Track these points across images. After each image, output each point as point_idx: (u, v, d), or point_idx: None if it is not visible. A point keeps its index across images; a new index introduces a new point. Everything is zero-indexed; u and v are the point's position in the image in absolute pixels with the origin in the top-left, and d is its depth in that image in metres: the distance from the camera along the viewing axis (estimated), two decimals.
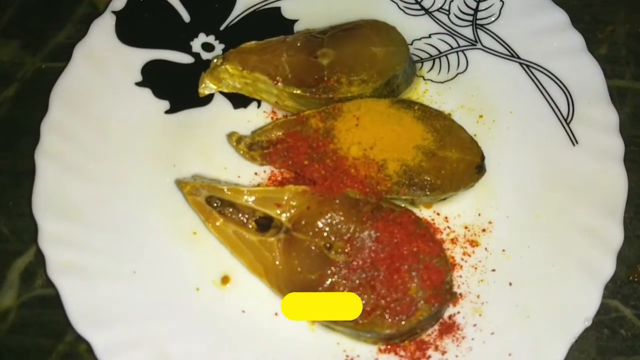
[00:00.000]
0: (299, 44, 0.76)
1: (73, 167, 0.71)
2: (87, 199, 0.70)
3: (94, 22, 0.78)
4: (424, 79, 0.79)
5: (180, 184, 0.70)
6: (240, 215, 0.68)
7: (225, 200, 0.68)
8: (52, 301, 0.67)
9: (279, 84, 0.74)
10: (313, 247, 0.66)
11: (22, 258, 0.73)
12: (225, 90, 0.78)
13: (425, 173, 0.69)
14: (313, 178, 0.70)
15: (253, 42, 0.77)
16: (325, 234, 0.66)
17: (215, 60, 0.76)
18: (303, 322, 0.67)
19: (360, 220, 0.66)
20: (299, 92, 0.74)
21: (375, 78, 0.74)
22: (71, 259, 0.66)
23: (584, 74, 0.76)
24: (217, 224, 0.68)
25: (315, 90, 0.73)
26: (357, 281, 0.64)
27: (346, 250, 0.65)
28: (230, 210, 0.68)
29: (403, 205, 0.70)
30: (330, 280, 0.64)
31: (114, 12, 0.79)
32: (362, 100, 0.73)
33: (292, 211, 0.68)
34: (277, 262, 0.66)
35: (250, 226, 0.68)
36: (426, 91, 0.78)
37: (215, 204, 0.68)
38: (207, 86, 0.77)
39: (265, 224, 0.68)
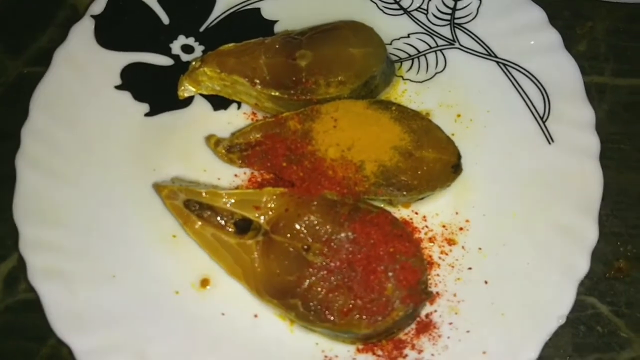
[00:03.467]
0: (277, 46, 0.76)
1: (53, 172, 0.72)
2: (68, 204, 0.71)
3: (73, 26, 0.79)
4: (403, 79, 0.79)
5: (157, 187, 0.70)
6: (218, 218, 0.69)
7: (203, 204, 0.69)
8: (36, 305, 0.67)
9: (258, 86, 0.74)
10: (291, 249, 0.67)
11: (5, 263, 0.73)
12: (205, 93, 0.78)
13: (402, 173, 0.70)
14: (292, 180, 0.70)
15: (231, 44, 0.77)
16: (303, 235, 0.67)
17: (193, 63, 0.76)
18: (282, 323, 0.68)
19: (338, 221, 0.67)
20: (277, 94, 0.74)
21: (353, 79, 0.74)
22: (51, 264, 0.67)
23: (561, 72, 0.76)
24: (196, 227, 0.68)
25: (294, 92, 0.74)
26: (335, 282, 0.65)
27: (324, 251, 0.66)
28: (209, 213, 0.69)
29: (382, 206, 0.71)
30: (307, 281, 0.65)
31: (92, 16, 0.79)
32: (340, 101, 0.73)
33: (271, 213, 0.68)
34: (256, 265, 0.67)
35: (229, 229, 0.68)
36: (405, 91, 0.79)
37: (193, 208, 0.69)
38: (186, 89, 0.78)
39: (244, 226, 0.69)
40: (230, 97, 0.78)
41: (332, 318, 0.64)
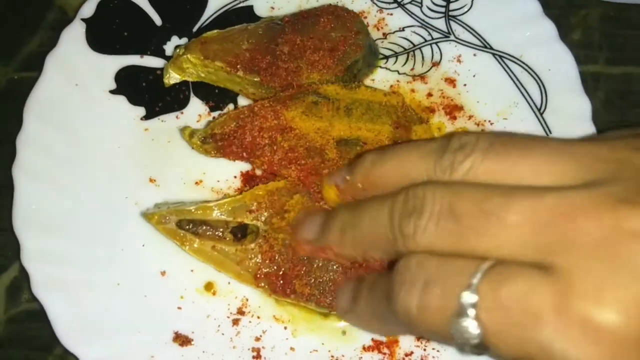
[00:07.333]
0: (260, 32, 0.76)
1: (51, 181, 0.71)
2: (68, 213, 0.70)
3: (63, 30, 0.77)
4: (399, 73, 0.79)
5: (146, 216, 0.68)
6: (214, 230, 0.68)
7: (196, 220, 0.68)
8: (40, 315, 0.67)
9: (239, 72, 0.73)
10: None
11: (6, 273, 0.73)
12: (190, 80, 0.77)
13: None
14: (271, 170, 0.69)
15: (215, 31, 0.76)
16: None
17: (177, 51, 0.76)
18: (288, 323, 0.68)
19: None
20: (259, 79, 0.73)
21: (336, 64, 0.73)
22: (54, 274, 0.67)
23: (557, 64, 0.76)
24: (195, 245, 0.67)
25: (276, 77, 0.73)
26: (341, 269, 0.64)
27: None
28: (204, 227, 0.68)
29: None
30: (319, 272, 0.65)
31: (83, 19, 0.78)
32: (323, 86, 0.72)
33: (265, 213, 0.68)
34: (263, 267, 0.66)
35: (227, 238, 0.68)
36: (400, 86, 0.78)
37: (187, 227, 0.68)
38: (171, 76, 0.77)
39: (242, 232, 0.68)
40: (215, 83, 0.77)
41: None
